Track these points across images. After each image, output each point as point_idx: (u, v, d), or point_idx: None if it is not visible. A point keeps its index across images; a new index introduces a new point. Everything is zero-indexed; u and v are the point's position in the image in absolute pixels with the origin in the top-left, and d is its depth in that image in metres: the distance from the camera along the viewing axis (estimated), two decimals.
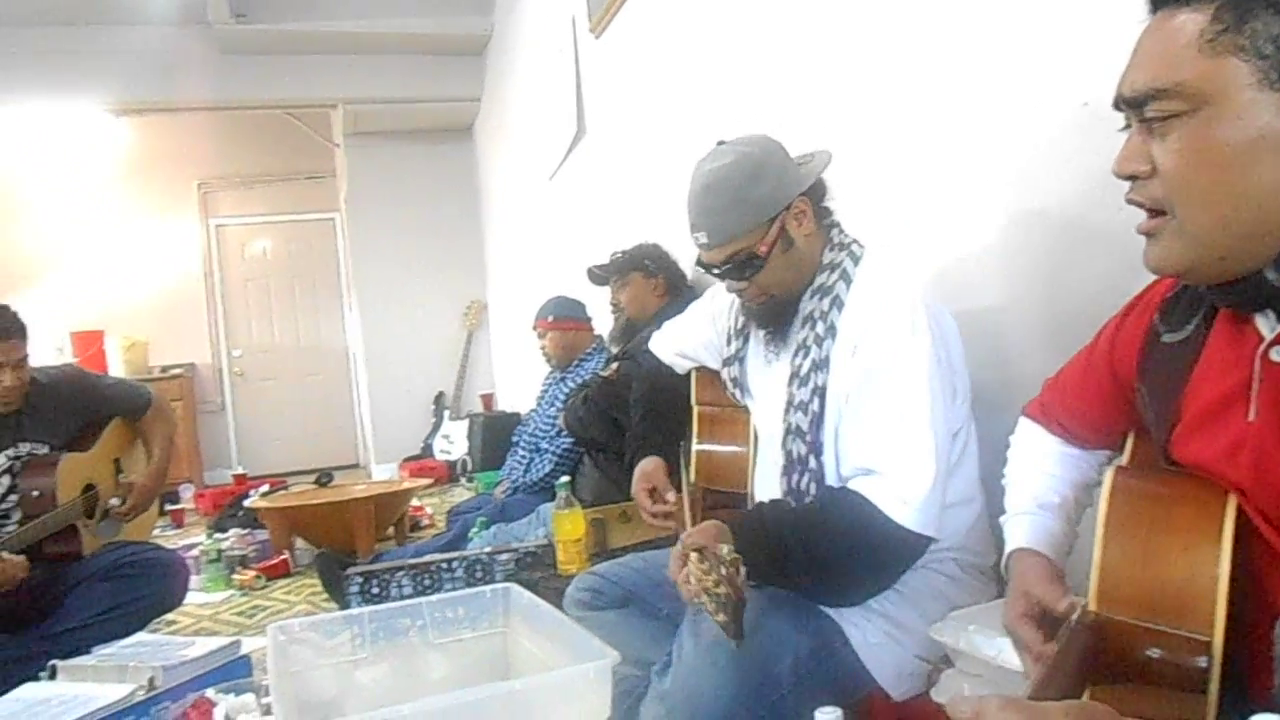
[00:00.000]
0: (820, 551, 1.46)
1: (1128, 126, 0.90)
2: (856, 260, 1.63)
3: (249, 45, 6.23)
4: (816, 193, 1.67)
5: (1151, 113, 0.86)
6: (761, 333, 1.74)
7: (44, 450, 2.75)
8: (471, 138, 7.60)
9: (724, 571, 1.27)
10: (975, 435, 1.62)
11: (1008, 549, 1.20)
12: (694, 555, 1.31)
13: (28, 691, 2.08)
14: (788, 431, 1.62)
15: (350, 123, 6.99)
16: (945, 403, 1.50)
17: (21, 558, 2.48)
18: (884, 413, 1.49)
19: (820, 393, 1.57)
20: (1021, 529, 1.20)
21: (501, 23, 6.20)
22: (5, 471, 2.66)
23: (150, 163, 7.97)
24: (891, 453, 1.47)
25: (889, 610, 1.55)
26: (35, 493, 2.65)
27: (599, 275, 3.30)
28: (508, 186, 6.48)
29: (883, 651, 1.54)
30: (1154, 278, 1.03)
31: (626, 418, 2.78)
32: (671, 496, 1.86)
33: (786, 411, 1.62)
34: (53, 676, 2.17)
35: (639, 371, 2.18)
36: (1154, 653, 0.89)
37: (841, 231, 1.69)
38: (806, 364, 1.59)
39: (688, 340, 2.02)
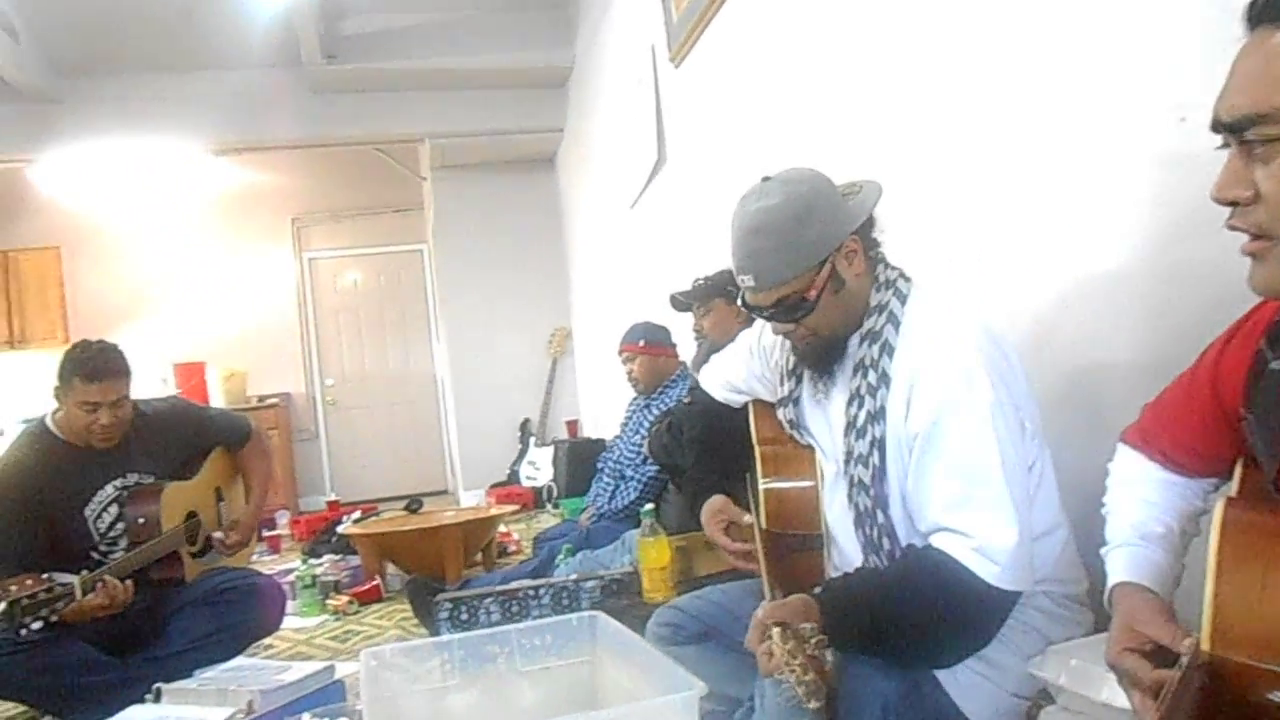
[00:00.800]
0: (912, 619, 1.41)
1: (1225, 146, 0.86)
2: (903, 299, 1.57)
3: (339, 84, 6.48)
4: (866, 228, 1.61)
5: (1253, 136, 0.82)
6: (810, 373, 1.69)
7: (150, 479, 2.85)
8: (554, 168, 7.72)
9: (809, 653, 1.22)
10: (1051, 465, 1.55)
11: (1110, 582, 1.15)
12: (776, 632, 1.26)
13: (135, 713, 2.17)
14: (852, 485, 1.58)
15: (436, 156, 7.17)
16: (1015, 444, 1.44)
17: (127, 582, 2.57)
18: (952, 468, 1.43)
19: (879, 444, 1.52)
20: (1124, 561, 1.15)
21: (583, 54, 6.30)
22: (114, 501, 2.77)
23: (247, 199, 8.32)
24: (970, 511, 1.41)
25: (981, 650, 1.48)
26: (141, 519, 2.76)
27: (682, 302, 3.30)
28: (590, 215, 6.56)
29: (977, 691, 1.48)
30: (1257, 300, 0.99)
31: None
32: (747, 519, 1.82)
33: (847, 464, 1.58)
34: (158, 699, 2.24)
35: (692, 410, 2.13)
36: (1276, 696, 0.84)
37: (888, 267, 1.62)
38: (862, 415, 1.55)
39: (739, 374, 1.96)
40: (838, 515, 1.65)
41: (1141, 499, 1.22)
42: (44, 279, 7.78)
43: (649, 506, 2.66)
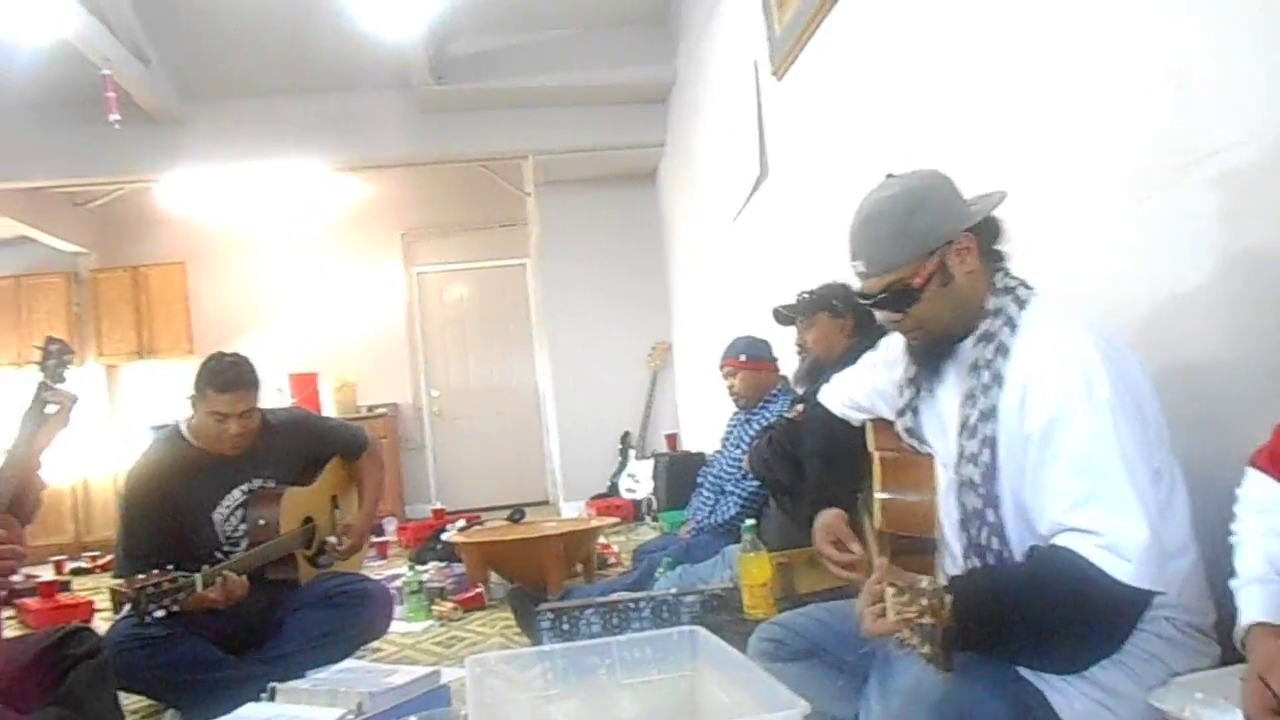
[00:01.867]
0: (1041, 616, 1.36)
1: None
2: (1022, 304, 1.55)
3: (447, 104, 6.68)
4: (986, 232, 1.61)
5: None
6: (920, 371, 1.69)
7: (273, 484, 2.98)
8: (655, 183, 7.77)
9: (925, 603, 1.22)
10: (1182, 481, 1.49)
11: (1244, 620, 1.09)
12: (890, 589, 1.26)
13: (250, 711, 2.25)
14: (960, 484, 1.55)
15: (540, 172, 7.30)
16: (1136, 442, 1.39)
17: (243, 578, 2.70)
18: (1074, 468, 1.39)
19: (990, 443, 1.50)
20: (1259, 599, 1.09)
21: (684, 69, 6.33)
22: (240, 505, 2.90)
23: (359, 216, 8.62)
24: (1095, 508, 1.36)
25: (1098, 676, 1.43)
26: (261, 521, 2.89)
27: (785, 315, 3.27)
28: (691, 229, 6.58)
29: (1092, 719, 1.42)
30: None
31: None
32: (856, 548, 1.81)
33: (958, 464, 1.56)
34: (272, 697, 2.32)
35: (811, 425, 2.12)
36: None
37: (1008, 275, 1.61)
38: (975, 414, 1.53)
39: (859, 390, 1.95)
40: (952, 523, 1.62)
41: (1275, 529, 1.15)
42: (170, 293, 8.21)
43: (750, 522, 2.64)
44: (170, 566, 2.53)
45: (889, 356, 1.86)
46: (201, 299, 8.34)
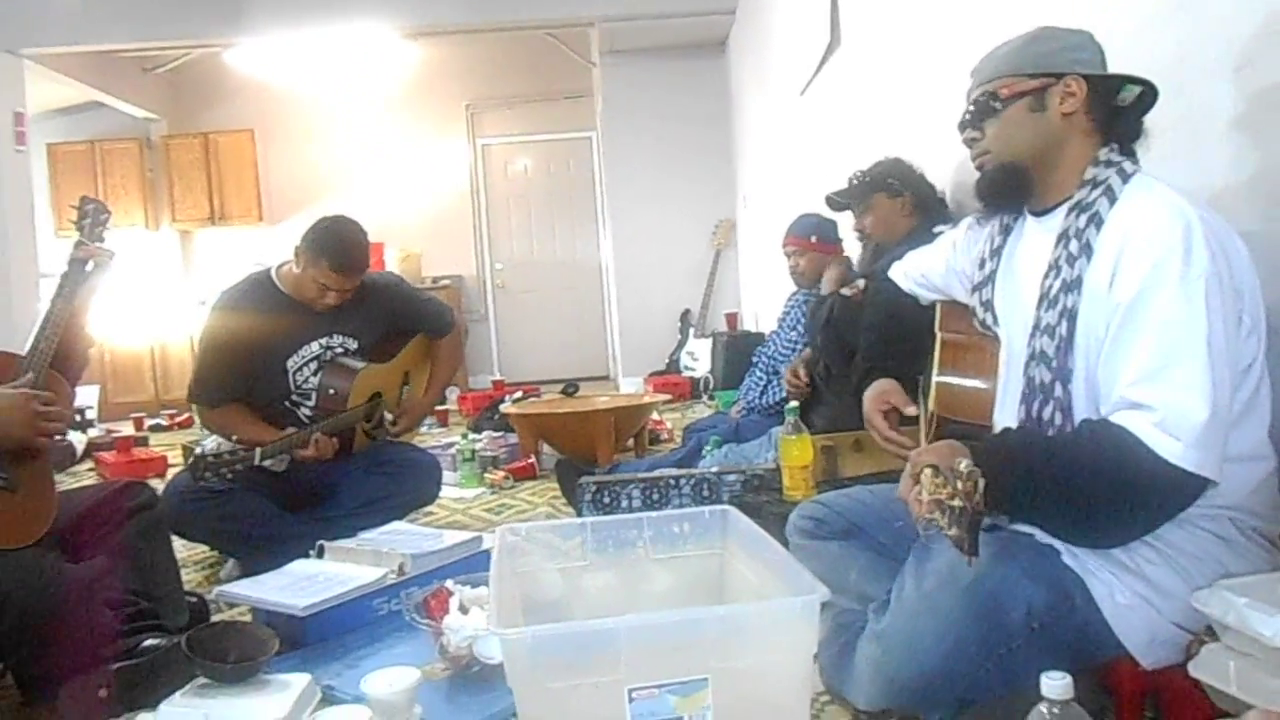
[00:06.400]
0: (1074, 484, 1.31)
1: None
2: (1125, 178, 1.45)
3: None
4: (1104, 91, 1.49)
5: None
6: (984, 211, 1.66)
7: (353, 345, 3.01)
8: (725, 53, 7.48)
9: (959, 485, 1.19)
10: (1268, 378, 1.39)
11: None
12: (928, 470, 1.23)
13: (299, 566, 2.33)
14: (1031, 357, 1.48)
15: (606, 41, 7.07)
16: (1226, 328, 1.30)
17: (334, 439, 2.82)
18: (1153, 339, 1.30)
19: (1070, 315, 1.42)
20: None
21: None
22: (315, 358, 2.95)
23: (424, 86, 8.51)
24: (1161, 384, 1.28)
25: (1144, 569, 1.38)
26: (331, 390, 2.94)
27: (839, 201, 3.12)
28: (759, 102, 6.34)
29: (1134, 614, 1.38)
30: None
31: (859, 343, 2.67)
32: (911, 410, 1.75)
33: (1032, 336, 1.48)
34: (320, 555, 2.41)
35: (874, 299, 2.05)
36: None
37: (1118, 151, 1.49)
38: (1057, 285, 1.44)
39: (935, 268, 1.87)
40: (1012, 399, 1.56)
41: None
42: (240, 160, 8.28)
43: (793, 404, 2.60)
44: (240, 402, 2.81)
45: (970, 235, 1.78)
46: (270, 167, 8.41)
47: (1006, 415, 1.57)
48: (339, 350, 2.98)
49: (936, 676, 1.39)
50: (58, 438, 1.99)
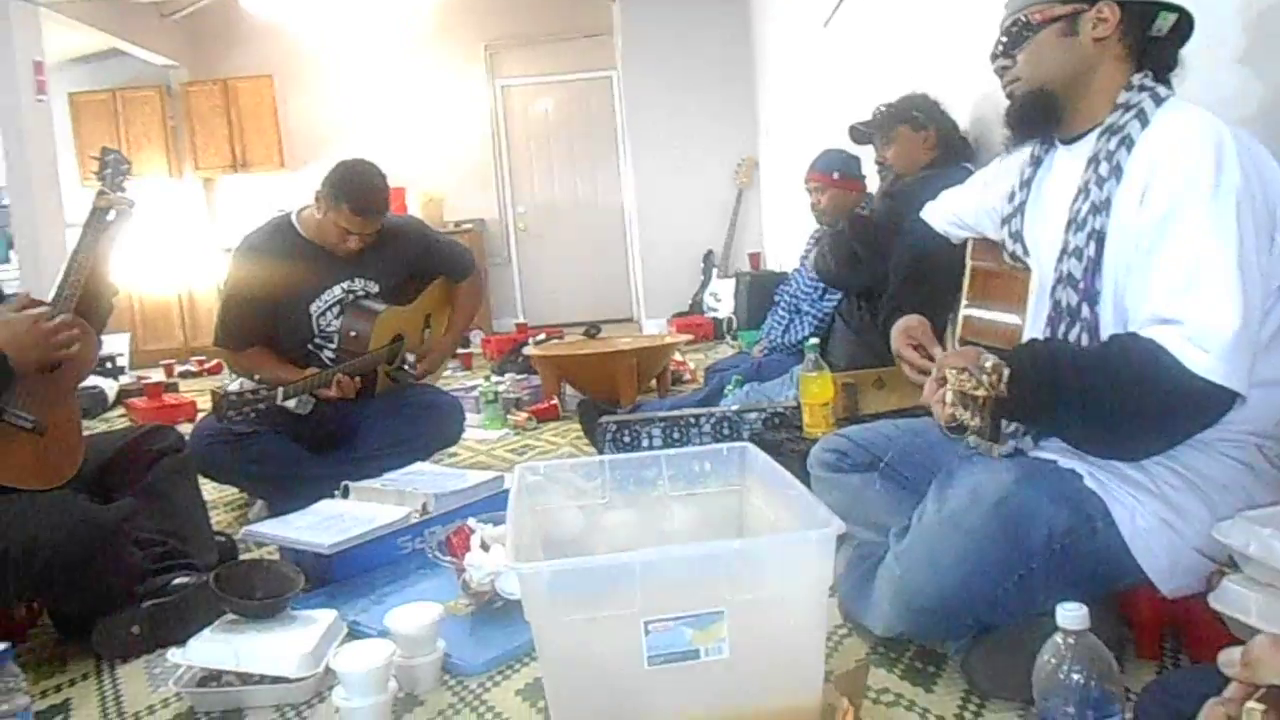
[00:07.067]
0: (1100, 392, 1.30)
1: None
2: (1158, 101, 1.42)
3: None
4: (1139, 17, 1.47)
5: None
6: (1013, 138, 1.63)
7: (375, 289, 3.01)
8: None
9: (984, 378, 1.19)
10: None
11: None
12: (953, 370, 1.24)
13: (325, 506, 2.37)
14: (1058, 280, 1.47)
15: None
16: (1258, 245, 1.28)
17: (355, 379, 2.83)
18: (1182, 254, 1.29)
19: (1098, 237, 1.40)
20: None
21: None
22: (338, 302, 2.95)
23: (443, 27, 8.39)
24: (1190, 297, 1.27)
25: (1167, 493, 1.37)
26: (353, 333, 2.94)
27: (862, 132, 3.09)
28: (780, 37, 6.21)
29: (1155, 539, 1.37)
30: None
31: (870, 254, 2.64)
32: (938, 353, 1.75)
33: (1060, 259, 1.47)
34: (345, 495, 2.44)
35: (907, 240, 2.01)
36: None
37: (1148, 75, 1.47)
38: (1085, 207, 1.43)
39: (966, 206, 1.84)
40: (1039, 323, 1.54)
41: None
42: (260, 106, 8.25)
43: (813, 341, 2.58)
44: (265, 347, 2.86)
45: (1002, 170, 1.76)
46: (290, 113, 8.36)
47: (1034, 333, 1.56)
48: (360, 294, 2.98)
49: (955, 597, 1.39)
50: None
